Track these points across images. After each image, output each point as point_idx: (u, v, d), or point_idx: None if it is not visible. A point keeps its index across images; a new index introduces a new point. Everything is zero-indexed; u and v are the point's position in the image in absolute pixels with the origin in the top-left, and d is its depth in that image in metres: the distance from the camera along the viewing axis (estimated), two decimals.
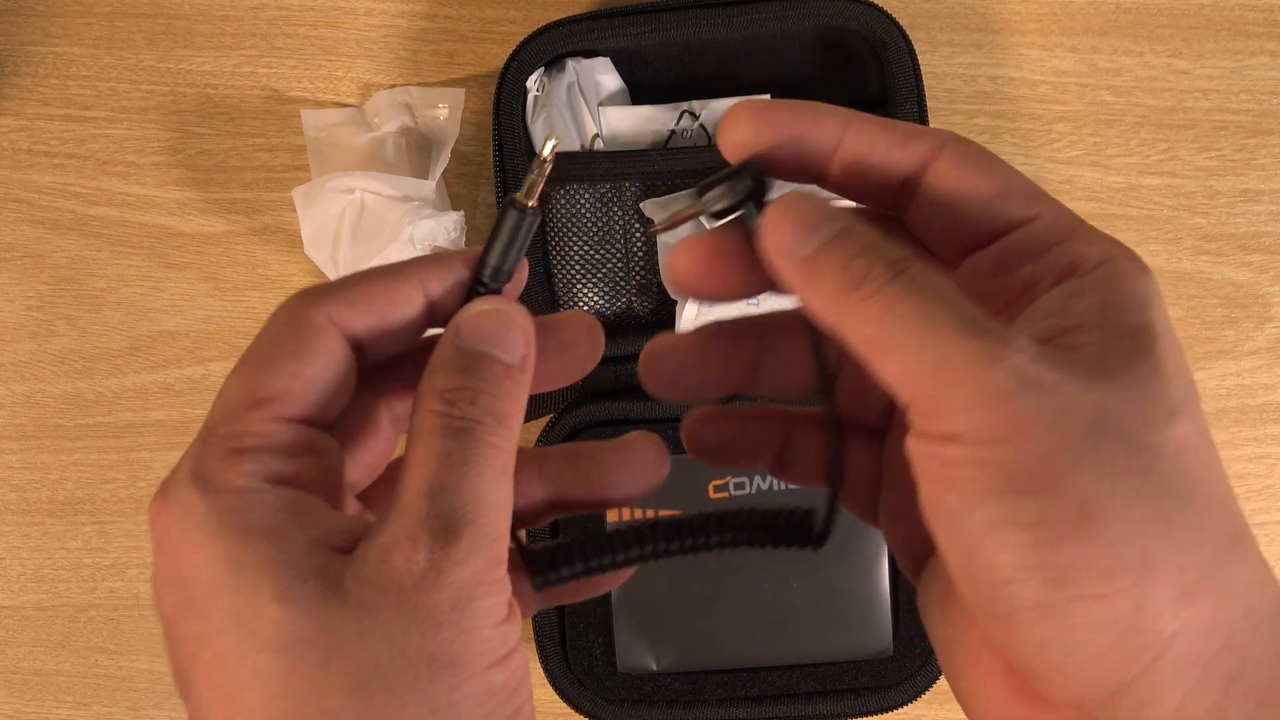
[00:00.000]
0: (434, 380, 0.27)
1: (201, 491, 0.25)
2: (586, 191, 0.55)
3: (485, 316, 0.28)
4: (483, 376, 0.27)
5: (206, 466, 0.26)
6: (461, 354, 0.27)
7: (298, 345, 0.27)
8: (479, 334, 0.28)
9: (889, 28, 0.53)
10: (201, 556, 0.25)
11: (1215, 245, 0.58)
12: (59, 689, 0.62)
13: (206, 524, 0.25)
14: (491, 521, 0.25)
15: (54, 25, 0.59)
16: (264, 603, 0.24)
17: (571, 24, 0.53)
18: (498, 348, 0.27)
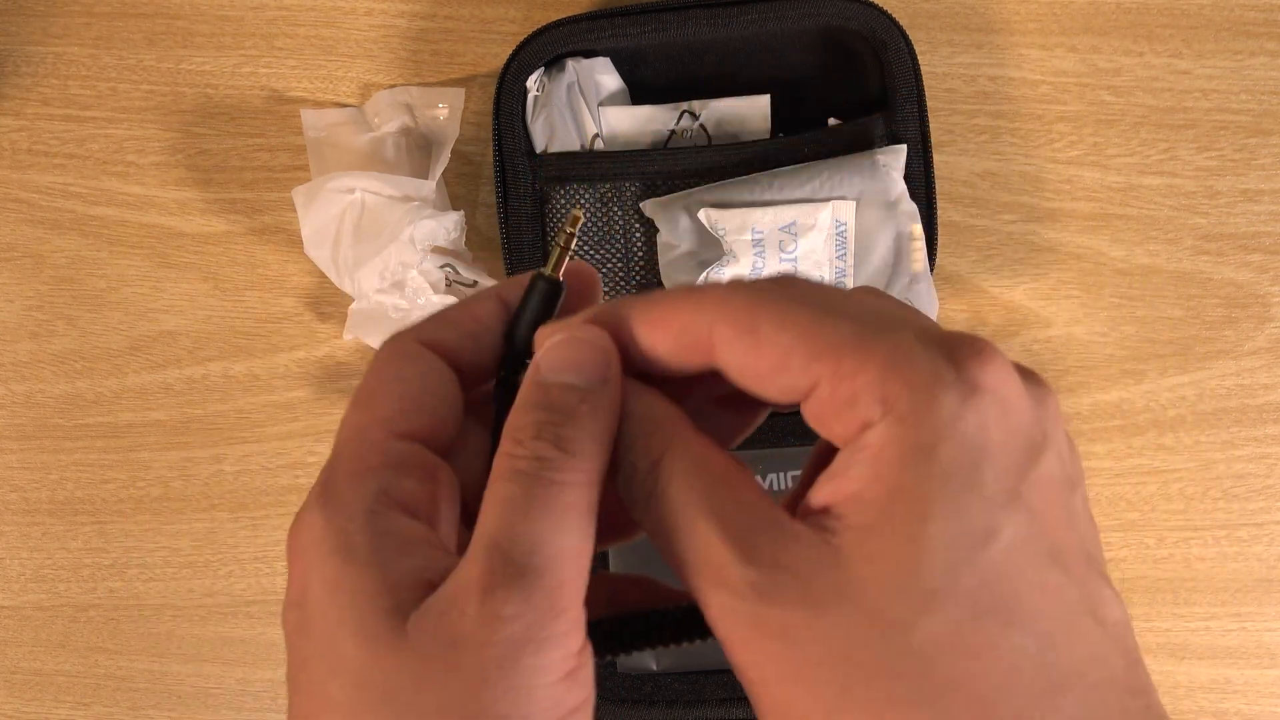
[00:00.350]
0: (514, 417, 0.27)
1: (324, 510, 0.26)
2: (586, 191, 0.55)
3: (556, 346, 0.27)
4: (552, 404, 0.26)
5: (333, 486, 0.26)
6: (537, 388, 0.27)
7: (399, 369, 0.28)
8: (554, 365, 0.27)
9: (889, 27, 0.53)
10: (315, 577, 0.25)
11: (1215, 245, 0.58)
12: (59, 689, 0.61)
13: (321, 545, 0.25)
14: (548, 569, 0.24)
15: (54, 25, 0.59)
16: (345, 635, 0.24)
17: (571, 24, 0.53)
18: (570, 373, 0.26)
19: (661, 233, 0.54)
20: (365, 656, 0.24)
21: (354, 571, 0.25)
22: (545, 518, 0.25)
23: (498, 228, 0.55)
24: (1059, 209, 0.58)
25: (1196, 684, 0.60)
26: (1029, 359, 0.59)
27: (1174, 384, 0.59)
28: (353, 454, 0.27)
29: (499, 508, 0.25)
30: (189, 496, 0.61)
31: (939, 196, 0.56)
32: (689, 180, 0.54)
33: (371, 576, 0.25)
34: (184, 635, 0.61)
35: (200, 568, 0.61)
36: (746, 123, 0.56)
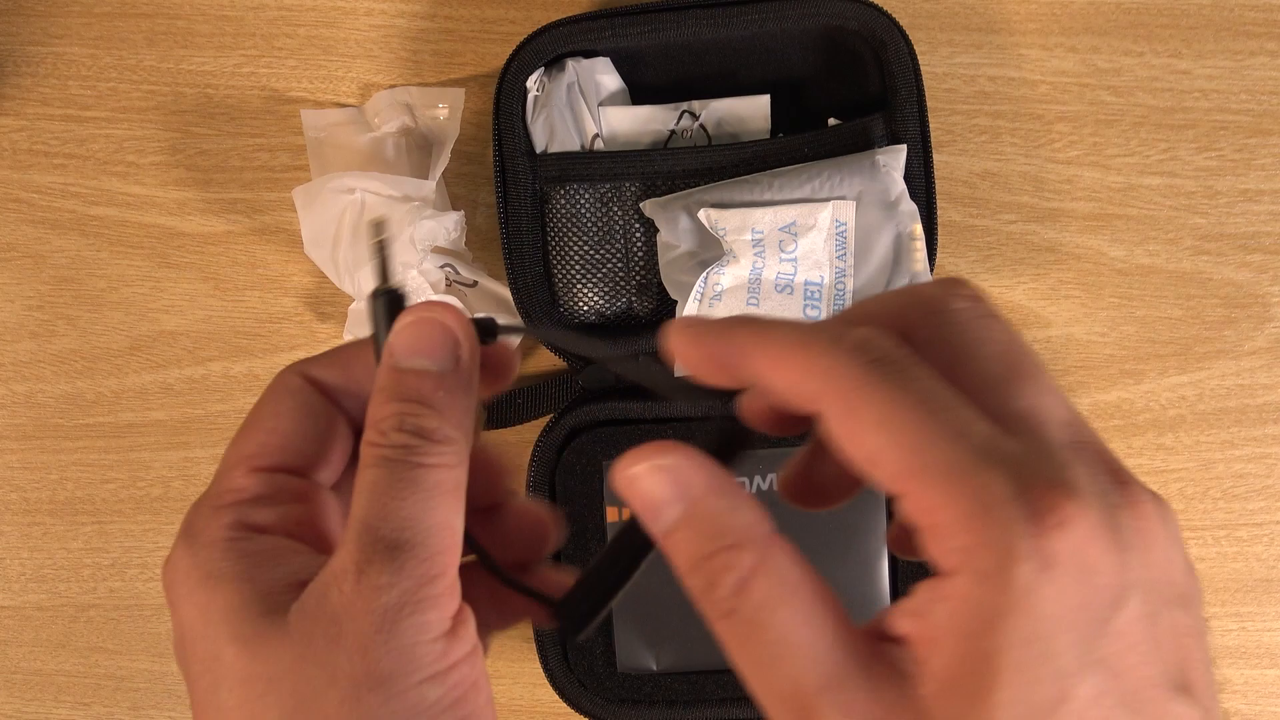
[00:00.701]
0: (373, 404, 0.28)
1: (186, 548, 0.28)
2: (586, 191, 0.55)
3: (406, 329, 0.28)
4: (409, 395, 0.27)
5: (193, 525, 0.28)
6: (391, 374, 0.28)
7: (274, 404, 0.29)
8: (406, 349, 0.28)
9: (889, 28, 0.53)
10: (186, 608, 0.27)
11: (1215, 245, 0.58)
12: (59, 689, 0.62)
13: (189, 578, 0.27)
14: (420, 542, 0.26)
15: (54, 25, 0.59)
16: (223, 645, 0.26)
17: (571, 24, 0.53)
18: (422, 357, 0.27)
19: (661, 233, 0.54)
20: (245, 656, 0.26)
21: (221, 590, 0.26)
22: (413, 496, 0.26)
23: (498, 228, 0.55)
24: (1059, 209, 0.58)
25: None
26: None
27: (1174, 384, 0.59)
28: (211, 493, 0.28)
29: (367, 493, 0.27)
30: (189, 496, 0.60)
31: (939, 196, 0.56)
32: (689, 180, 0.54)
33: (237, 590, 0.26)
34: None
35: None
36: (746, 123, 0.56)
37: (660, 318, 0.56)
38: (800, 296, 0.53)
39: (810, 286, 0.53)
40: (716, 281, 0.53)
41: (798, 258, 0.53)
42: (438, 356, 0.27)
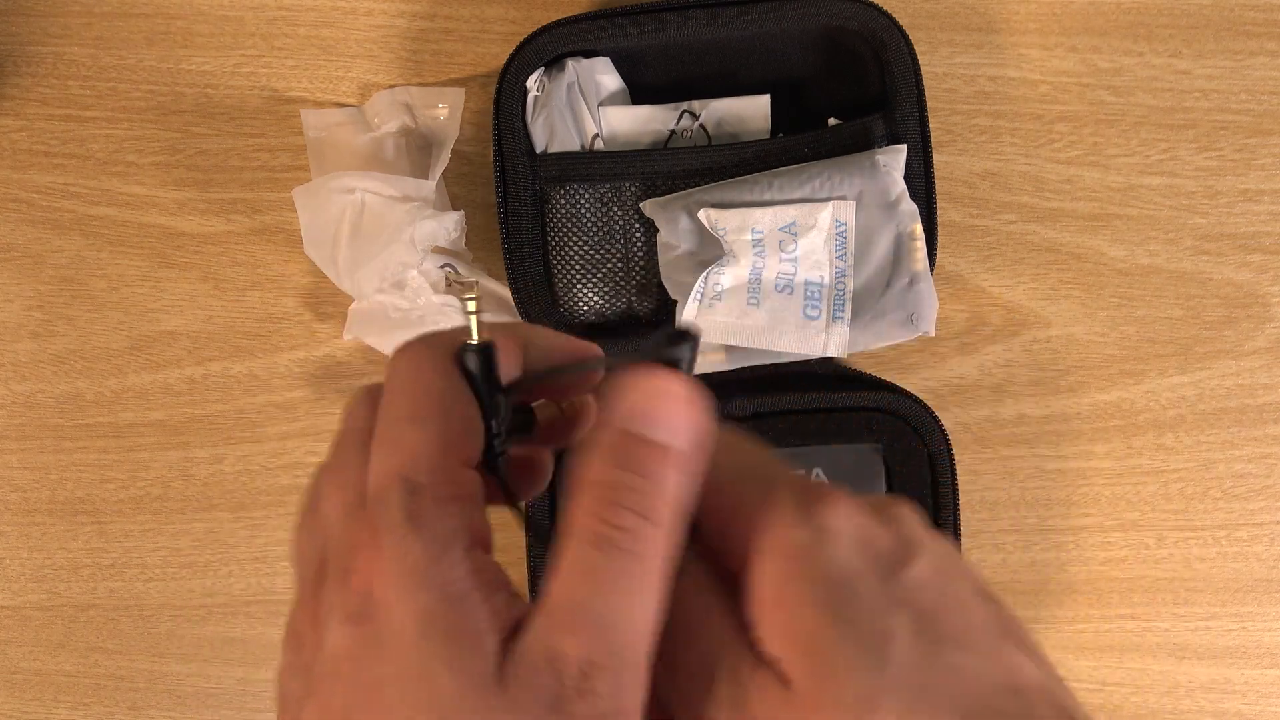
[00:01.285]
0: (590, 469, 0.26)
1: (418, 540, 0.25)
2: (586, 191, 0.55)
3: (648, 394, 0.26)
4: (640, 470, 0.25)
5: (421, 513, 0.26)
6: (620, 438, 0.26)
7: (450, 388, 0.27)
8: (640, 415, 0.26)
9: (889, 27, 0.53)
10: (403, 607, 0.25)
11: (1215, 245, 0.58)
12: (59, 689, 0.61)
13: (415, 574, 0.25)
14: (635, 648, 0.25)
15: (54, 25, 0.59)
16: (439, 669, 0.24)
17: (571, 24, 0.53)
18: (662, 431, 0.26)
19: (661, 233, 0.54)
20: (465, 694, 0.24)
21: (451, 609, 0.25)
22: (634, 594, 0.25)
23: (498, 228, 0.55)
24: (1059, 209, 0.58)
25: (1196, 684, 0.60)
26: (1029, 359, 0.59)
27: (1174, 384, 0.59)
28: (436, 481, 0.26)
29: (579, 573, 0.25)
30: (189, 497, 0.61)
31: (939, 196, 0.56)
32: (689, 180, 0.54)
33: (466, 616, 0.25)
34: (184, 635, 0.61)
35: (200, 568, 0.61)
36: (746, 123, 0.56)
37: (660, 318, 0.56)
38: (800, 296, 0.53)
39: (810, 286, 0.53)
40: (716, 281, 0.53)
41: (798, 257, 0.53)
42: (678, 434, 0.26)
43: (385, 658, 0.25)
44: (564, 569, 0.25)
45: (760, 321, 0.53)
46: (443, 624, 0.25)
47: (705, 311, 0.53)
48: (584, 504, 0.26)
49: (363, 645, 0.25)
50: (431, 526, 0.25)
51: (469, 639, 0.25)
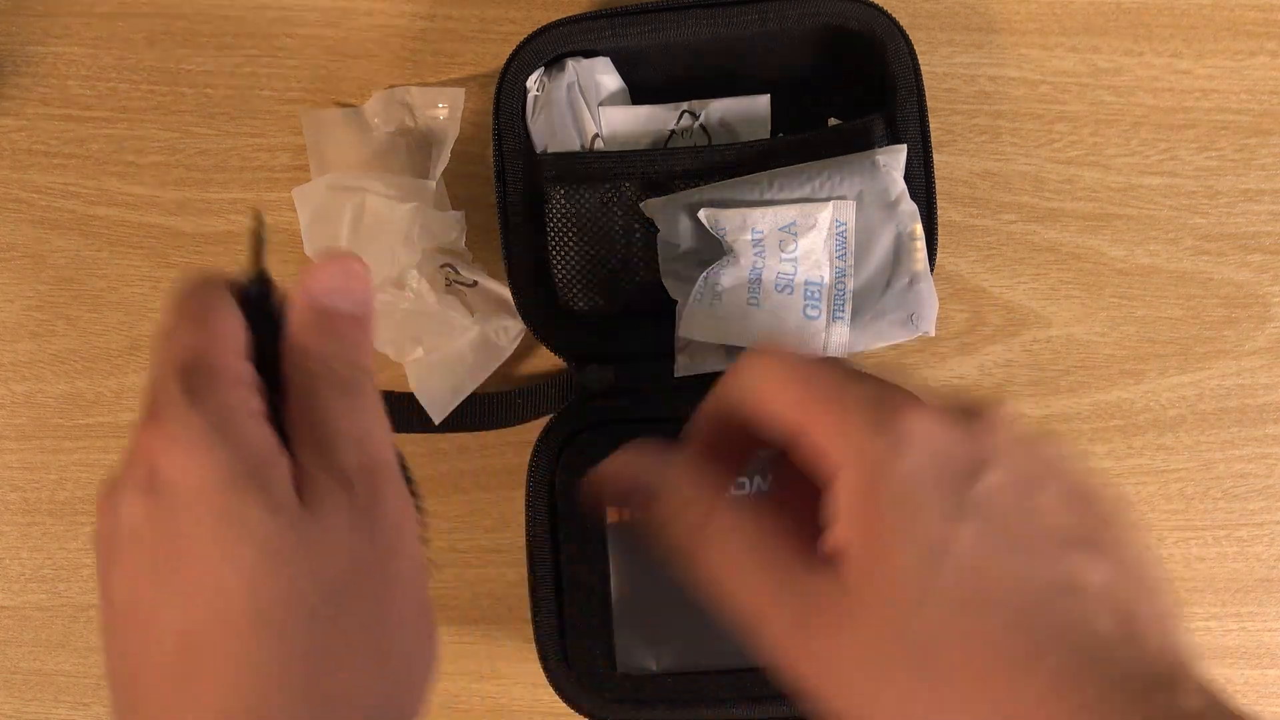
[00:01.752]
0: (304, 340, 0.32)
1: (200, 412, 0.29)
2: (586, 191, 0.55)
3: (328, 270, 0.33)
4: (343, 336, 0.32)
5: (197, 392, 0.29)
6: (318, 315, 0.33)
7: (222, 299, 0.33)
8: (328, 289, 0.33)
9: (889, 27, 0.53)
10: (199, 465, 0.28)
11: (1215, 245, 0.58)
12: (59, 689, 0.62)
13: (204, 438, 0.28)
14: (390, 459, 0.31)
15: (54, 25, 0.59)
16: (252, 509, 0.27)
17: (571, 24, 0.53)
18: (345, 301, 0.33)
19: (661, 232, 0.54)
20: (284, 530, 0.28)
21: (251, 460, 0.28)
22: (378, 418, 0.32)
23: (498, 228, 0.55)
24: (1059, 209, 0.58)
25: None
26: (1029, 359, 0.59)
27: (1174, 384, 0.59)
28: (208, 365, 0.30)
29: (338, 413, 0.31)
30: None
31: (939, 196, 0.56)
32: (689, 180, 0.54)
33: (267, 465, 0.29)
34: None
35: None
36: (746, 122, 0.56)
37: (659, 318, 0.56)
38: (800, 296, 0.53)
39: (810, 286, 0.53)
40: (716, 281, 0.53)
41: (798, 257, 0.53)
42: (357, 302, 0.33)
43: (186, 513, 0.28)
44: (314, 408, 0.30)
45: (760, 321, 0.53)
46: (244, 472, 0.28)
47: (705, 311, 0.53)
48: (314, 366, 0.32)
49: (160, 509, 0.28)
50: (214, 398, 0.29)
51: (272, 482, 0.28)
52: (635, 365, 0.56)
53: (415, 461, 0.60)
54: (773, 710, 0.56)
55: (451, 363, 0.57)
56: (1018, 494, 0.28)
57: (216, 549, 0.27)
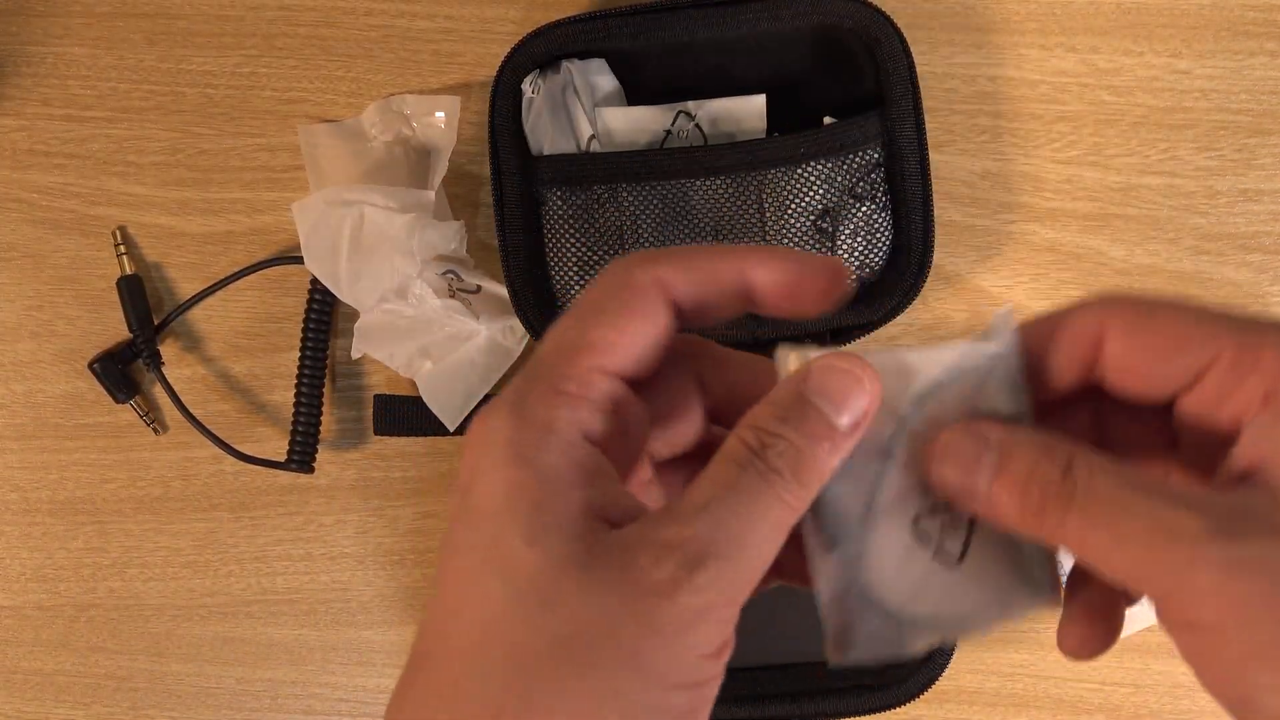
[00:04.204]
0: (761, 412, 0.28)
1: (512, 421, 0.27)
2: (582, 193, 0.55)
3: (834, 372, 0.28)
4: (804, 431, 0.27)
5: (527, 399, 0.27)
6: (796, 399, 0.28)
7: (623, 300, 0.29)
8: (820, 386, 0.28)
9: (883, 26, 0.53)
10: (494, 477, 0.27)
11: (1215, 245, 0.58)
12: (59, 689, 0.62)
13: (508, 450, 0.27)
14: (744, 565, 0.26)
15: (54, 25, 0.59)
16: (518, 541, 0.26)
17: (567, 25, 0.53)
18: (831, 407, 0.28)
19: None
20: (540, 566, 0.25)
21: (536, 488, 0.26)
22: (759, 522, 0.26)
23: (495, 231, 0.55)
24: (1059, 209, 0.58)
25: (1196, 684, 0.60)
26: None
27: None
28: (556, 374, 0.28)
29: (721, 488, 0.26)
30: (189, 496, 0.61)
31: (939, 196, 0.56)
32: (687, 180, 0.54)
33: (554, 496, 0.26)
34: (184, 635, 0.61)
35: (200, 567, 0.61)
36: (742, 122, 0.56)
37: None
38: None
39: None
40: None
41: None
42: (843, 414, 0.28)
43: (469, 524, 0.27)
44: (705, 480, 0.27)
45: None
46: (529, 499, 0.26)
47: None
48: (747, 436, 0.27)
49: (459, 512, 0.27)
50: (536, 411, 0.27)
51: (553, 517, 0.26)
52: None
53: (416, 461, 0.60)
54: (772, 710, 0.56)
55: (462, 370, 0.57)
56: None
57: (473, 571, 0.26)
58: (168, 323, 0.60)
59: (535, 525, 0.26)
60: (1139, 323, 0.28)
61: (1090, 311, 0.29)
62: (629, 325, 0.29)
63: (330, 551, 0.61)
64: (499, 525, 0.26)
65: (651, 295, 0.29)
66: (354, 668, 0.61)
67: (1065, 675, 0.60)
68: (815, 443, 0.27)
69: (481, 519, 0.26)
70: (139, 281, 0.59)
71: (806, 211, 0.54)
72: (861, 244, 0.55)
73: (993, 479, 0.27)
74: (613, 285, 0.29)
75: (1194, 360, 0.27)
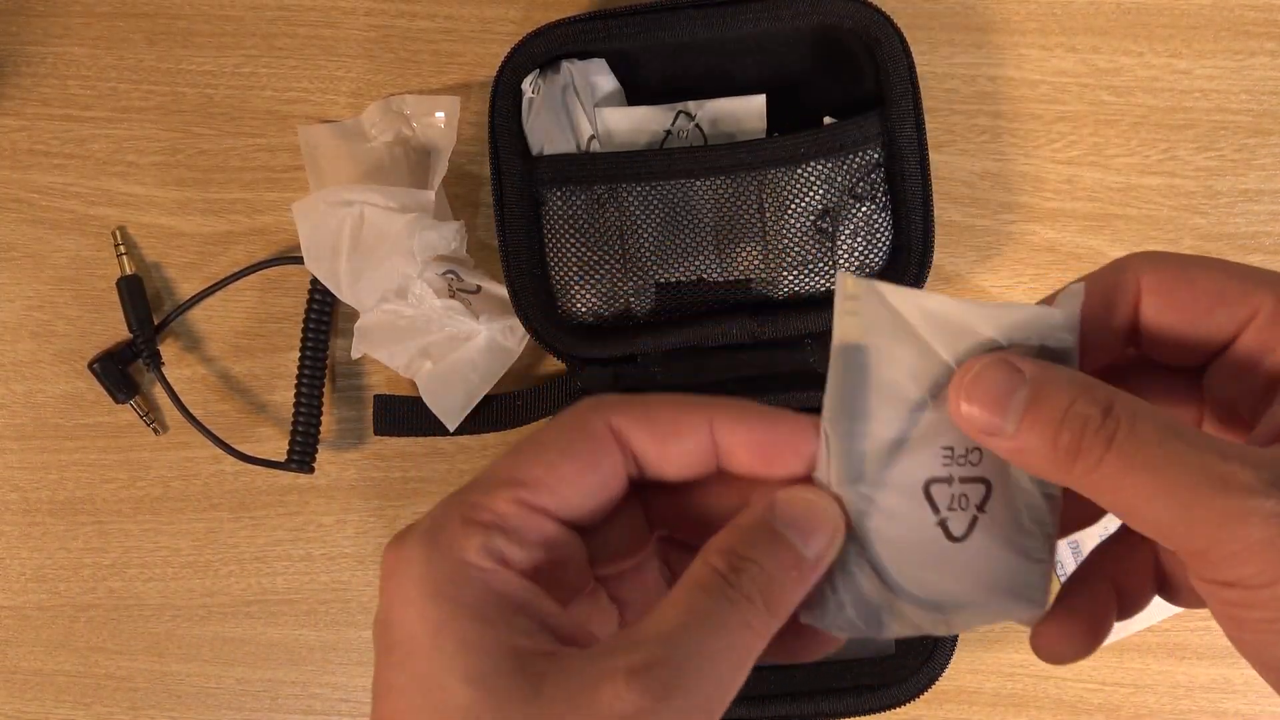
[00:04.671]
0: (729, 538, 0.27)
1: (428, 551, 0.26)
2: (582, 193, 0.55)
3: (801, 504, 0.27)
4: (775, 558, 0.27)
5: (442, 529, 0.26)
6: (764, 528, 0.27)
7: (568, 443, 0.28)
8: (789, 516, 0.27)
9: (883, 26, 0.53)
10: (412, 613, 0.25)
11: (1215, 245, 0.58)
12: (59, 689, 0.62)
13: (423, 585, 0.25)
14: (710, 696, 0.25)
15: (54, 25, 0.59)
16: (453, 681, 0.24)
17: (566, 26, 0.53)
18: (799, 537, 0.27)
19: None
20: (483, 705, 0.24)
21: (465, 622, 0.25)
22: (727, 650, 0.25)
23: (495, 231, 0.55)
24: (1059, 209, 0.58)
25: (1196, 684, 0.60)
26: None
27: None
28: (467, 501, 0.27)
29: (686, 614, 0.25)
30: (189, 496, 0.61)
31: (939, 196, 0.56)
32: (687, 180, 0.54)
33: (484, 631, 0.25)
34: (184, 635, 0.61)
35: (200, 568, 0.61)
36: (742, 122, 0.56)
37: (658, 319, 0.56)
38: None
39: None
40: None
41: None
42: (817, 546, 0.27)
43: (397, 664, 0.25)
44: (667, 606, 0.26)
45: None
46: (453, 638, 0.25)
47: None
48: (716, 562, 0.26)
49: (383, 647, 0.26)
50: (448, 541, 0.26)
51: (485, 653, 0.25)
52: (634, 367, 0.56)
53: (415, 461, 0.60)
54: (772, 710, 0.56)
55: (462, 370, 0.57)
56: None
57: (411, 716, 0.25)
58: (168, 323, 0.60)
59: (469, 663, 0.25)
60: (1176, 281, 0.27)
61: (1127, 272, 0.28)
62: (565, 467, 0.28)
63: (330, 552, 0.61)
64: (430, 665, 0.25)
65: (603, 443, 0.28)
66: (354, 668, 0.61)
67: (1065, 675, 0.60)
68: (785, 570, 0.27)
69: (408, 658, 0.25)
70: (139, 282, 0.59)
71: (806, 212, 0.54)
72: (861, 244, 0.55)
73: (1023, 414, 0.26)
74: (564, 426, 0.28)
75: (1233, 316, 0.27)
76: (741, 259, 0.55)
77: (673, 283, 0.56)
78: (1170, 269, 0.28)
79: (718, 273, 0.55)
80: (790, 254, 0.55)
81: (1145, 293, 0.28)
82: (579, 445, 0.28)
